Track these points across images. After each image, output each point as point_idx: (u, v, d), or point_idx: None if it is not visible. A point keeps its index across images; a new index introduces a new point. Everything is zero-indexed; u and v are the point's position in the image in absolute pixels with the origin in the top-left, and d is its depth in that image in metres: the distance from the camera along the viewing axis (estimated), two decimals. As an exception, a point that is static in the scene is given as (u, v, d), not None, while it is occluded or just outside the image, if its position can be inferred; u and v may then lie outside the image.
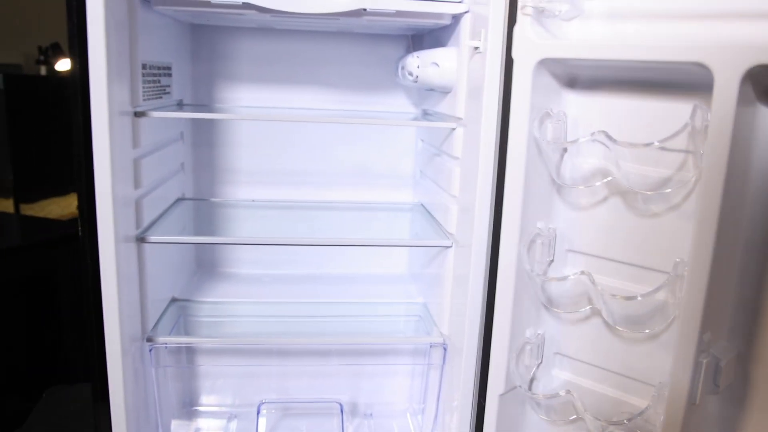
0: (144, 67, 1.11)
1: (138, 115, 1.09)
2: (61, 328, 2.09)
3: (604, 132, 0.91)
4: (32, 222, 2.58)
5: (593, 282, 0.97)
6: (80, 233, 1.06)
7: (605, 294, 0.96)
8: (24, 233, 2.26)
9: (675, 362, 0.85)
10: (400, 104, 1.53)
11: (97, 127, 0.98)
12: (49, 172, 3.09)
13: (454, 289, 1.22)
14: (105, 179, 1.00)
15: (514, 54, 0.96)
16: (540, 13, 0.94)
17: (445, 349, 1.24)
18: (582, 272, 0.99)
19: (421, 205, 1.51)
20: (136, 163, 1.10)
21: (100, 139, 0.99)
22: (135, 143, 1.09)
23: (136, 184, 1.11)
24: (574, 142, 0.96)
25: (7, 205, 2.95)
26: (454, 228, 1.21)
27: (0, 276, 1.91)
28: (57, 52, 3.39)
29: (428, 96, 1.43)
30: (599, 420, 0.97)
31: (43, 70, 3.35)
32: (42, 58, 3.37)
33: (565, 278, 1.02)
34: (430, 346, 1.26)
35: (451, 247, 1.21)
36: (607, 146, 0.91)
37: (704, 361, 0.84)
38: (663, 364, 0.93)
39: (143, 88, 1.11)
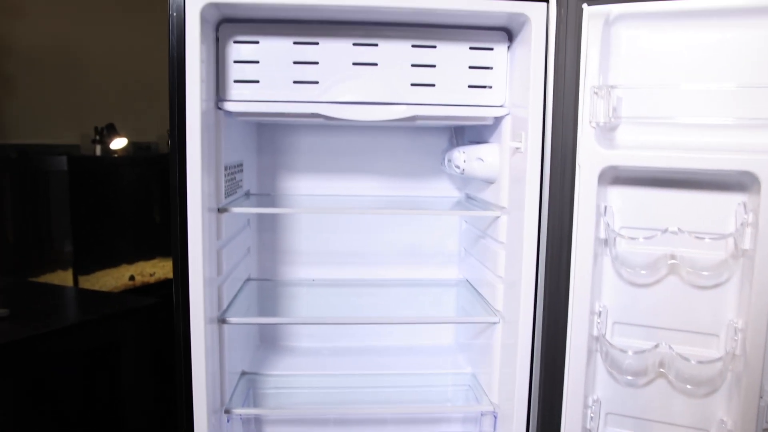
0: (225, 168, 1.27)
1: (221, 211, 1.25)
2: (122, 401, 2.21)
3: (676, 228, 1.06)
4: (91, 296, 2.73)
5: (670, 347, 1.10)
6: (174, 315, 1.19)
7: (675, 359, 1.08)
8: (85, 308, 2.41)
9: (742, 408, 0.99)
10: (444, 188, 1.67)
11: (192, 223, 1.14)
12: (104, 246, 3.28)
13: (503, 360, 1.33)
14: (197, 269, 1.15)
15: (580, 161, 1.11)
16: (601, 126, 1.09)
17: (495, 417, 1.34)
18: (656, 345, 1.11)
19: (467, 281, 1.64)
20: (219, 253, 1.25)
21: (194, 234, 1.14)
22: (218, 235, 1.25)
23: (219, 271, 1.26)
24: (651, 237, 1.09)
25: (66, 276, 3.13)
26: (501, 305, 1.33)
27: (64, 350, 2.04)
28: (111, 132, 3.61)
29: (470, 181, 1.57)
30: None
31: (98, 150, 3.57)
32: (97, 138, 3.59)
33: (642, 351, 1.13)
34: (481, 414, 1.36)
35: (498, 323, 1.33)
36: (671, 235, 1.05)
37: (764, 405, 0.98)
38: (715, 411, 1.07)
39: (224, 186, 1.27)
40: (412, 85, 1.26)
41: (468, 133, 1.57)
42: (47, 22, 3.41)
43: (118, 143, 3.61)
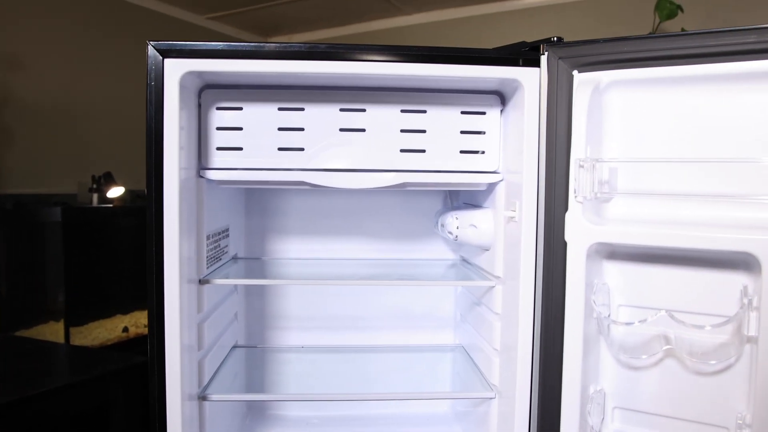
0: (208, 237, 1.22)
1: (202, 282, 1.19)
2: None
3: (666, 311, 0.99)
4: (79, 354, 2.67)
5: None
6: (150, 392, 1.13)
7: None
8: (72, 368, 2.34)
9: None
10: (438, 250, 1.62)
11: (170, 297, 1.08)
12: (97, 297, 3.23)
13: (499, 436, 1.26)
14: (174, 346, 1.09)
15: (568, 237, 1.05)
16: (588, 200, 1.03)
17: (492, 499, 1.26)
18: None
19: (462, 347, 1.57)
20: (200, 326, 1.20)
21: (171, 308, 1.09)
22: (199, 308, 1.19)
23: (200, 345, 1.20)
24: (644, 320, 1.02)
25: (57, 329, 3.07)
26: (497, 379, 1.26)
27: (54, 412, 1.97)
28: (108, 181, 3.59)
29: (465, 244, 1.52)
30: None
31: (95, 199, 3.55)
32: (95, 186, 3.57)
33: None
34: (477, 495, 1.28)
35: (494, 398, 1.26)
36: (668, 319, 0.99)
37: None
38: None
39: (207, 255, 1.22)
40: (402, 151, 1.22)
41: (462, 194, 1.52)
42: (46, 74, 3.43)
43: (116, 191, 3.59)
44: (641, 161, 1.02)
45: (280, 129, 1.20)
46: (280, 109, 1.20)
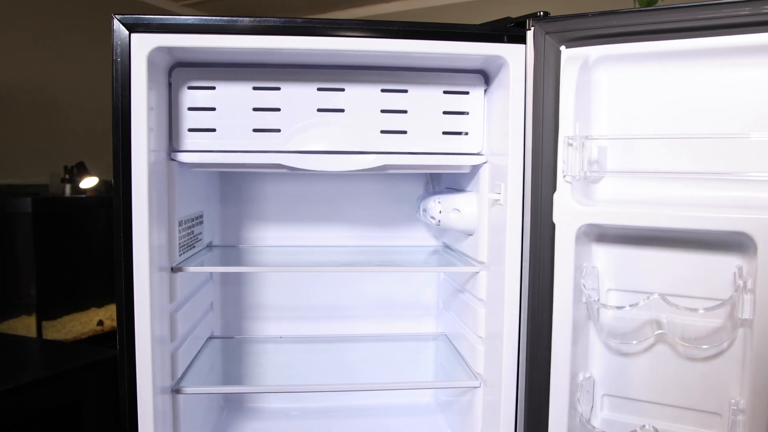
0: (180, 223, 1.17)
1: (174, 270, 1.14)
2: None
3: (659, 294, 0.95)
4: (51, 348, 2.60)
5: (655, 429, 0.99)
6: (120, 387, 1.08)
7: None
8: (43, 363, 2.28)
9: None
10: (420, 237, 1.58)
11: (139, 285, 1.03)
12: (71, 290, 3.16)
13: (484, 425, 1.22)
14: (145, 337, 1.04)
15: (556, 219, 1.01)
16: (577, 180, 0.99)
17: (477, 490, 1.23)
18: (644, 425, 1.01)
19: (445, 335, 1.53)
20: (172, 316, 1.14)
21: (141, 298, 1.03)
22: (171, 297, 1.14)
23: (172, 336, 1.14)
24: (635, 304, 0.99)
25: (29, 322, 2.99)
26: (482, 367, 1.23)
27: (25, 407, 1.91)
28: (82, 171, 3.51)
29: (448, 229, 1.48)
30: None
31: (67, 189, 3.46)
32: (67, 176, 3.49)
33: None
34: (462, 487, 1.25)
35: (479, 387, 1.22)
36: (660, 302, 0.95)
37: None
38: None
39: (179, 242, 1.17)
40: (382, 132, 1.17)
41: (445, 179, 1.48)
42: (17, 63, 3.33)
43: (89, 182, 3.51)
44: (632, 138, 0.98)
45: (255, 109, 1.14)
46: (254, 88, 1.14)
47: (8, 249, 3.02)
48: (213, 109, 1.13)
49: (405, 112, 1.18)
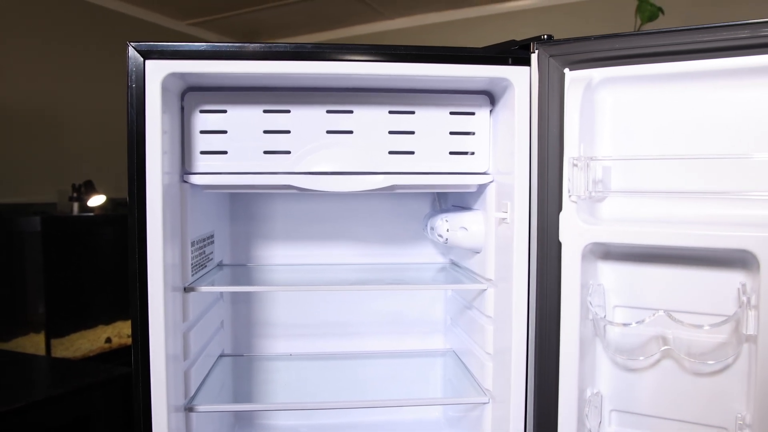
0: (192, 243, 1.19)
1: (187, 290, 1.16)
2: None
3: (664, 311, 0.97)
4: (59, 366, 2.62)
5: None
6: (134, 405, 1.10)
7: None
8: (56, 381, 2.29)
9: None
10: (428, 254, 1.60)
11: (154, 306, 1.05)
12: (79, 307, 3.18)
13: (493, 442, 1.23)
14: (159, 356, 1.06)
15: (562, 238, 1.03)
16: (583, 199, 1.01)
17: (487, 506, 1.24)
18: None
19: (453, 352, 1.55)
20: (185, 335, 1.16)
21: (156, 318, 1.05)
22: (185, 317, 1.16)
23: (185, 355, 1.16)
24: (641, 321, 1.00)
25: (38, 340, 3.01)
26: (490, 383, 1.24)
27: (34, 426, 1.93)
28: (89, 189, 3.54)
29: (455, 247, 1.49)
30: None
31: (75, 207, 3.49)
32: (75, 195, 3.51)
33: None
34: (472, 503, 1.26)
35: (488, 403, 1.24)
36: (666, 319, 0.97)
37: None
38: None
39: (192, 262, 1.19)
40: (390, 153, 1.20)
41: (452, 197, 1.50)
42: (24, 82, 3.37)
43: (97, 200, 3.53)
44: (636, 158, 1.00)
45: (265, 132, 1.17)
46: (265, 111, 1.17)
47: (17, 267, 3.05)
48: (224, 132, 1.16)
49: (412, 132, 1.20)
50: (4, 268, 3.04)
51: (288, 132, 1.17)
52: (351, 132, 1.19)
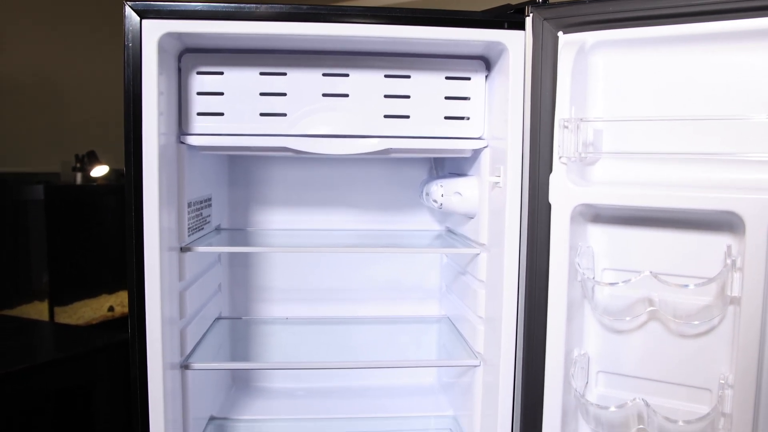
0: (189, 204, 1.21)
1: (184, 250, 1.18)
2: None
3: (651, 272, 0.99)
4: (63, 331, 2.65)
5: (647, 404, 1.02)
6: (131, 361, 1.12)
7: (657, 415, 1.00)
8: (59, 345, 2.33)
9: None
10: (424, 221, 1.61)
11: (150, 263, 1.07)
12: (82, 276, 3.21)
13: (484, 404, 1.25)
14: (155, 313, 1.08)
15: (552, 199, 1.04)
16: (573, 161, 1.02)
17: (476, 466, 1.26)
18: (635, 398, 1.03)
19: (448, 318, 1.57)
20: (182, 295, 1.18)
21: (152, 275, 1.07)
22: (181, 276, 1.17)
23: (181, 314, 1.18)
24: (627, 281, 1.02)
25: (42, 308, 3.05)
26: (482, 347, 1.26)
27: (37, 389, 1.96)
28: (92, 160, 3.55)
29: (450, 214, 1.51)
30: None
31: (78, 178, 3.51)
32: (78, 165, 3.53)
33: (623, 405, 1.05)
34: (462, 463, 1.28)
35: (479, 365, 1.26)
36: (652, 280, 0.98)
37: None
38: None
39: (188, 223, 1.20)
40: (386, 116, 1.20)
41: (448, 164, 1.51)
42: (28, 52, 3.37)
43: (100, 170, 3.55)
44: (626, 120, 1.01)
45: (261, 94, 1.18)
46: (261, 73, 1.18)
47: (21, 235, 3.07)
48: (221, 93, 1.17)
49: (408, 97, 1.21)
50: (9, 236, 3.07)
51: (284, 94, 1.18)
52: (347, 95, 1.19)
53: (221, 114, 1.17)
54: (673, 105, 0.99)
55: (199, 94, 1.17)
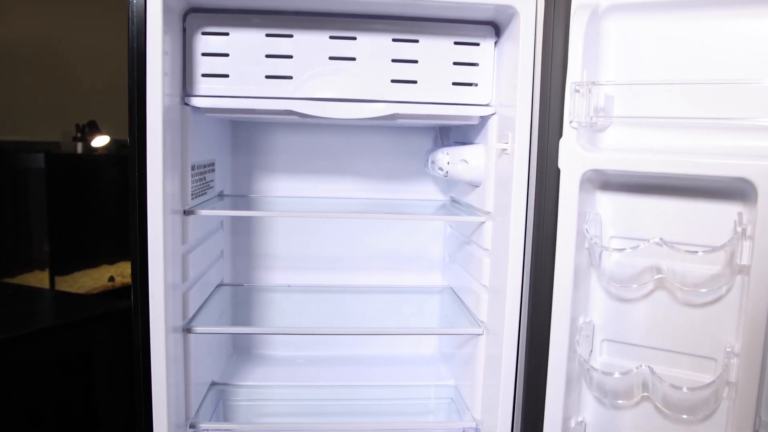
0: (193, 168, 1.19)
1: (187, 213, 1.17)
2: (96, 409, 2.13)
3: (660, 238, 0.98)
4: (64, 299, 2.65)
5: (652, 371, 1.01)
6: (133, 323, 1.11)
7: (662, 382, 1.00)
8: (59, 312, 2.33)
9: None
10: (428, 191, 1.60)
11: (153, 225, 1.06)
12: (82, 246, 3.20)
13: (486, 373, 1.25)
14: (158, 276, 1.07)
15: (561, 164, 1.02)
16: (584, 126, 1.01)
17: (477, 434, 1.27)
18: (640, 365, 1.03)
19: (450, 288, 1.56)
20: (184, 258, 1.17)
21: (155, 237, 1.06)
22: (183, 239, 1.17)
23: (184, 277, 1.18)
24: (636, 247, 1.01)
25: (42, 277, 3.05)
26: (485, 315, 1.25)
27: (32, 356, 1.96)
28: (93, 130, 3.54)
29: (455, 184, 1.50)
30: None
31: (79, 147, 3.49)
32: (79, 135, 3.51)
33: (627, 372, 1.05)
34: (463, 430, 1.28)
35: (482, 334, 1.25)
36: (660, 247, 0.97)
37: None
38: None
39: (192, 187, 1.19)
40: (393, 81, 1.19)
41: (453, 133, 1.50)
42: (28, 20, 3.33)
43: (101, 140, 3.53)
44: (638, 84, 0.99)
45: (267, 56, 1.16)
46: (267, 35, 1.16)
47: (21, 204, 3.06)
48: (226, 54, 1.15)
49: (416, 62, 1.19)
50: (8, 204, 3.06)
51: (290, 57, 1.16)
52: (354, 59, 1.17)
53: (226, 76, 1.15)
54: (685, 71, 0.98)
55: (204, 55, 1.15)
